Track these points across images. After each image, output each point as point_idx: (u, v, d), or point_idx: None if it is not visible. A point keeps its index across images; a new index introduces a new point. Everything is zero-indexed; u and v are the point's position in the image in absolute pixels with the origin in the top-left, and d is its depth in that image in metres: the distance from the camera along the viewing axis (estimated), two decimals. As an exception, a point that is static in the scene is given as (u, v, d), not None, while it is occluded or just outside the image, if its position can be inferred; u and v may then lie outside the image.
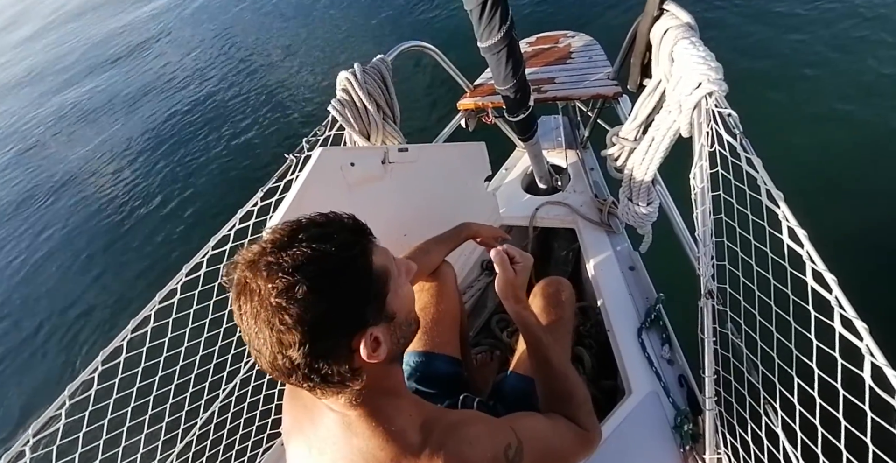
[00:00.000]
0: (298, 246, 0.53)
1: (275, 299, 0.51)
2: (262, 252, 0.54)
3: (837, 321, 0.59)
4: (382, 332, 0.59)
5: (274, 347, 0.52)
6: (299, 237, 0.55)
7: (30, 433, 0.87)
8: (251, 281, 0.53)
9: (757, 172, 0.71)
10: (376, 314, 0.59)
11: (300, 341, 0.51)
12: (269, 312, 0.51)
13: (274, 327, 0.51)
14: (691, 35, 0.89)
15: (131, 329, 1.01)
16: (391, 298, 0.61)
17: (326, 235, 0.56)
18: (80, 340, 3.29)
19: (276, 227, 0.58)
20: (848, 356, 0.60)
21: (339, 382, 0.57)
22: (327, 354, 0.54)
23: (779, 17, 3.34)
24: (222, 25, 7.43)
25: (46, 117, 7.09)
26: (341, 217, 0.61)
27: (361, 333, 0.56)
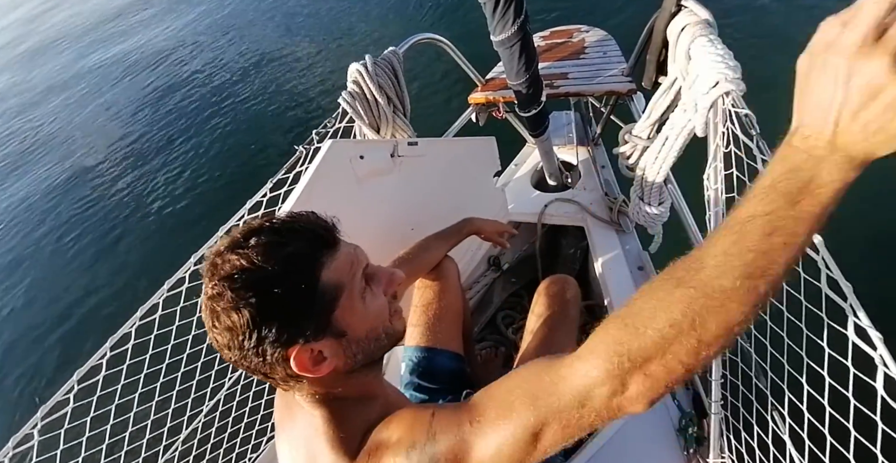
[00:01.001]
0: (241, 252, 0.53)
1: (208, 301, 0.53)
2: (217, 250, 0.55)
3: (851, 329, 0.58)
4: (329, 347, 0.58)
5: (216, 341, 0.55)
6: (250, 242, 0.54)
7: (38, 416, 0.89)
8: (204, 276, 0.55)
9: (773, 175, 0.69)
10: (317, 331, 0.56)
11: (229, 345, 0.54)
12: (206, 311, 0.54)
13: (211, 326, 0.55)
14: (709, 32, 0.87)
15: (140, 316, 1.02)
16: (341, 314, 0.58)
17: (275, 244, 0.55)
18: (89, 326, 3.37)
19: (249, 222, 0.58)
20: (861, 366, 0.58)
21: (282, 383, 0.59)
22: (260, 360, 0.54)
23: (801, 14, 3.25)
24: (234, 16, 7.43)
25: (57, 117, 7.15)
26: (307, 224, 0.59)
27: (294, 347, 0.55)
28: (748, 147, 0.74)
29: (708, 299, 0.41)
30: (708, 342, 0.42)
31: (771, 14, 3.37)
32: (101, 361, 0.96)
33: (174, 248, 3.72)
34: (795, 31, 3.18)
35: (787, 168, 0.41)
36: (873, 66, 0.35)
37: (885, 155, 0.38)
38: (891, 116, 0.35)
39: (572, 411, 0.47)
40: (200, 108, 5.41)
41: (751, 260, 0.40)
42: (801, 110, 0.41)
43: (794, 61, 0.43)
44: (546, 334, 1.09)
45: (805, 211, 0.39)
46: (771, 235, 0.40)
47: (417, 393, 1.10)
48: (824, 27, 0.39)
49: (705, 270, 0.42)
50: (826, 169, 0.39)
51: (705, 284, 0.42)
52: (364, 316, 0.61)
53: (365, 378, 0.65)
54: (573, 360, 0.49)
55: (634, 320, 0.45)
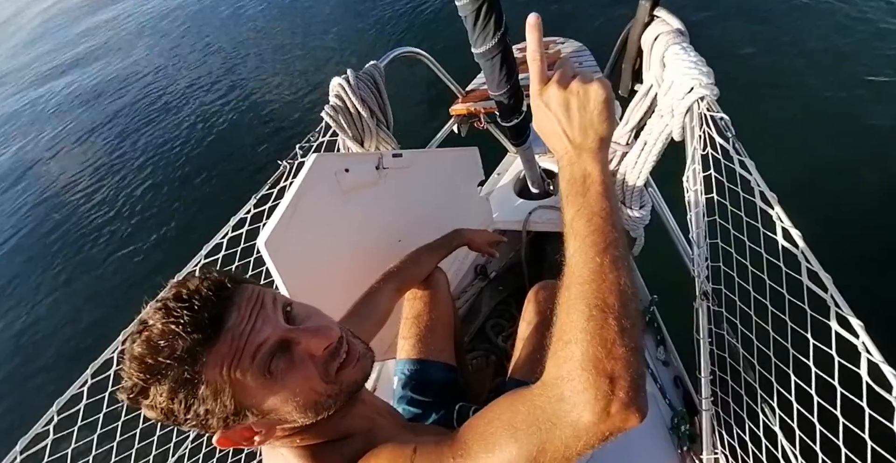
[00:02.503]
0: (137, 353, 0.51)
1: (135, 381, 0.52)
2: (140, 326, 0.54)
3: (833, 319, 0.60)
4: (256, 424, 0.56)
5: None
6: (141, 336, 0.52)
7: (17, 450, 0.84)
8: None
9: (750, 174, 0.72)
10: (227, 420, 0.53)
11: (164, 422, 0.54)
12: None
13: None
14: (682, 40, 0.91)
15: (122, 341, 0.98)
16: (250, 402, 0.54)
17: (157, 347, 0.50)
18: (69, 352, 3.22)
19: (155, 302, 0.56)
20: (844, 354, 0.61)
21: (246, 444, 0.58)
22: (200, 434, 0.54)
23: (770, 21, 3.42)
24: (213, 32, 7.38)
25: (30, 132, 6.94)
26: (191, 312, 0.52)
27: (216, 435, 0.55)
28: (725, 149, 0.77)
29: (592, 283, 0.50)
30: (620, 313, 0.48)
31: (740, 22, 3.54)
32: (83, 389, 0.92)
33: (156, 267, 3.61)
34: (764, 37, 3.34)
35: (567, 179, 0.58)
36: (551, 94, 0.59)
37: (607, 133, 0.58)
38: (584, 114, 0.57)
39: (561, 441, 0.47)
40: (181, 125, 5.33)
41: (592, 240, 0.52)
42: (552, 147, 0.62)
43: (765, 65, 0.46)
44: (538, 340, 1.09)
45: (595, 192, 0.55)
46: (590, 219, 0.54)
47: (410, 407, 1.08)
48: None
49: (575, 266, 0.52)
50: (585, 164, 0.57)
51: (582, 276, 0.51)
52: (280, 392, 0.55)
53: (341, 421, 0.62)
54: (542, 389, 0.49)
55: (565, 335, 0.49)
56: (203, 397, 0.51)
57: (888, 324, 0.99)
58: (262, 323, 0.55)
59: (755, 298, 0.76)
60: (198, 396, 0.51)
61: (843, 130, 2.61)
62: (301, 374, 0.56)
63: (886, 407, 0.54)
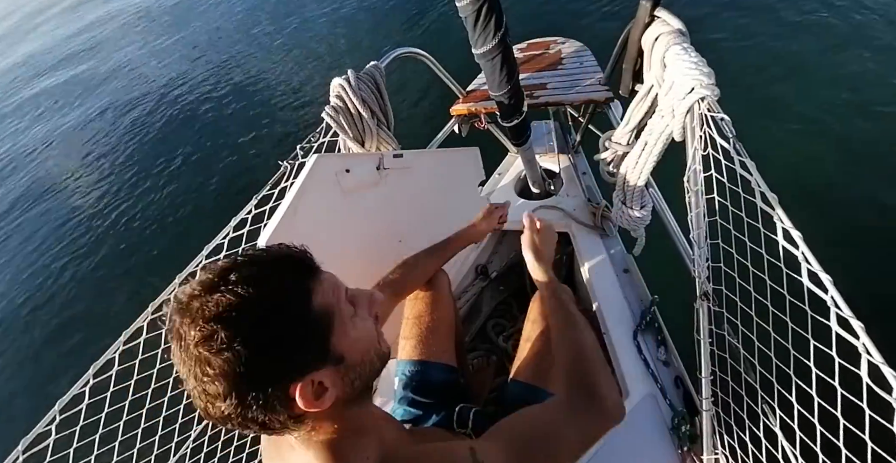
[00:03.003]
0: (224, 290, 0.49)
1: (196, 349, 0.48)
2: (191, 294, 0.50)
3: (834, 321, 0.60)
4: (329, 376, 0.55)
5: (202, 397, 0.49)
6: (229, 278, 0.50)
7: (19, 450, 0.84)
8: (179, 326, 0.49)
9: (751, 175, 0.72)
10: (317, 360, 0.54)
11: (225, 394, 0.48)
12: (192, 362, 0.48)
13: (197, 377, 0.48)
14: (682, 41, 0.91)
15: (123, 341, 0.99)
16: (337, 340, 0.56)
17: (258, 277, 0.51)
18: (72, 352, 3.23)
19: (213, 264, 0.54)
20: (845, 355, 0.61)
21: (280, 428, 0.54)
22: (259, 405, 0.50)
23: (771, 22, 3.42)
24: (214, 32, 7.40)
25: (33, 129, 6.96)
26: (283, 254, 0.56)
27: (298, 382, 0.52)
28: (725, 149, 0.76)
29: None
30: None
31: (742, 22, 3.53)
32: (84, 389, 0.92)
33: (157, 268, 3.62)
34: (765, 37, 3.33)
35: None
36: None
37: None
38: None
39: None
40: (181, 125, 5.34)
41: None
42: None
43: (767, 65, 0.46)
44: (542, 342, 1.10)
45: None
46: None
47: (411, 408, 1.08)
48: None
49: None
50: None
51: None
52: (357, 339, 0.59)
53: (360, 410, 0.63)
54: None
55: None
56: (303, 327, 0.52)
57: (889, 325, 0.99)
58: (335, 277, 0.61)
59: (756, 298, 0.76)
60: (298, 325, 0.52)
61: (846, 131, 2.60)
62: (368, 325, 0.62)
63: (887, 408, 0.54)
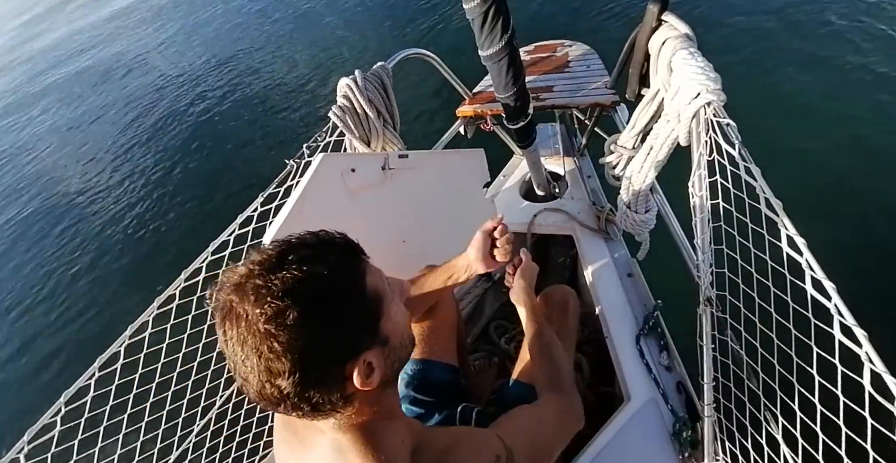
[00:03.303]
0: (288, 268, 0.50)
1: (263, 326, 0.48)
2: (249, 274, 0.51)
3: (837, 328, 0.60)
4: (376, 357, 0.56)
5: (262, 376, 0.49)
6: (289, 258, 0.51)
7: (25, 440, 0.85)
8: (237, 305, 0.49)
9: (756, 181, 0.72)
10: (370, 339, 0.56)
11: (290, 370, 0.49)
12: (256, 339, 0.48)
13: (262, 355, 0.48)
14: (689, 46, 0.90)
15: (129, 335, 1.00)
16: (385, 321, 0.58)
17: (318, 256, 0.53)
18: (77, 345, 3.26)
19: (264, 248, 0.54)
20: (848, 363, 0.60)
21: (329, 409, 0.55)
22: (318, 383, 0.51)
23: (780, 28, 3.40)
24: (224, 33, 7.45)
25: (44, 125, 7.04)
26: (333, 236, 0.58)
27: (355, 360, 0.53)
28: (731, 155, 0.76)
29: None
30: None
31: (749, 27, 3.51)
32: (90, 382, 0.93)
33: (163, 265, 3.65)
34: (772, 43, 3.31)
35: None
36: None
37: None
38: None
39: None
40: (188, 124, 5.38)
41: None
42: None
43: (773, 71, 0.46)
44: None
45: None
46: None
47: (413, 406, 1.09)
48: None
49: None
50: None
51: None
52: (397, 322, 0.61)
53: (393, 394, 0.65)
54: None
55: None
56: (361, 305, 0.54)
57: (892, 334, 0.98)
58: None
59: (759, 304, 0.76)
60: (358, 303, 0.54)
61: (852, 138, 2.58)
62: (402, 311, 0.64)
63: (889, 417, 0.54)
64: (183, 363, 1.09)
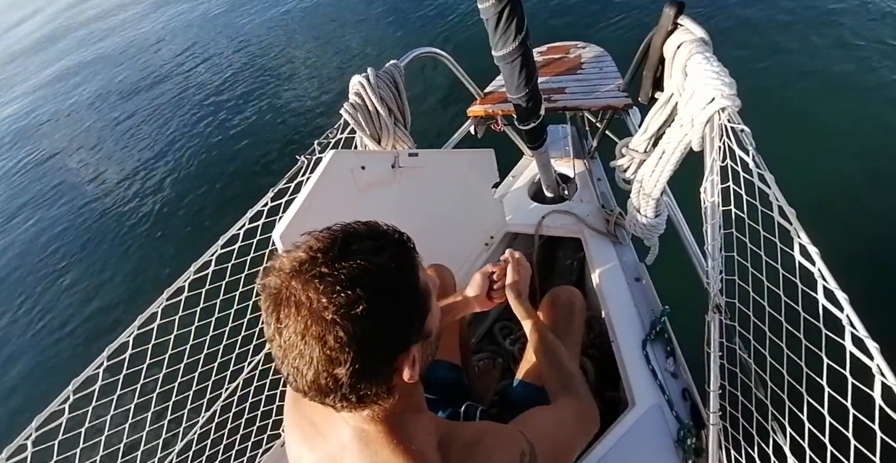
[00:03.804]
0: (354, 257, 0.49)
1: (331, 315, 0.47)
2: (311, 260, 0.49)
3: (848, 340, 0.59)
4: (419, 350, 0.57)
5: (320, 366, 0.48)
6: (353, 248, 0.50)
7: (33, 427, 0.87)
8: (298, 292, 0.48)
9: (769, 188, 0.71)
10: (418, 333, 0.56)
11: (351, 360, 0.48)
12: (321, 328, 0.47)
13: (326, 344, 0.47)
14: (705, 50, 0.90)
15: (137, 325, 1.01)
16: (430, 315, 0.59)
17: (379, 247, 0.52)
18: (86, 335, 3.31)
19: (319, 235, 0.53)
20: (859, 375, 0.59)
21: (372, 401, 0.55)
22: (372, 374, 0.51)
23: (797, 33, 3.35)
24: (238, 30, 7.50)
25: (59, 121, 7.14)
26: (386, 229, 0.58)
27: (405, 353, 0.54)
28: (744, 161, 0.75)
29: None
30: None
31: (766, 32, 3.47)
32: (98, 371, 0.94)
33: (172, 257, 3.69)
34: (790, 49, 3.27)
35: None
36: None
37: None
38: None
39: None
40: (201, 119, 5.43)
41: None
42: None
43: (789, 77, 0.45)
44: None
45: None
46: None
47: (416, 403, 1.09)
48: None
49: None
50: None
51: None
52: (436, 317, 0.61)
53: (421, 387, 0.66)
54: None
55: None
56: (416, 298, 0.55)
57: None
58: None
59: (769, 313, 0.75)
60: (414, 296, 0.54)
61: (868, 147, 2.54)
62: (438, 307, 0.64)
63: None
64: (190, 355, 1.11)
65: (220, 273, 1.08)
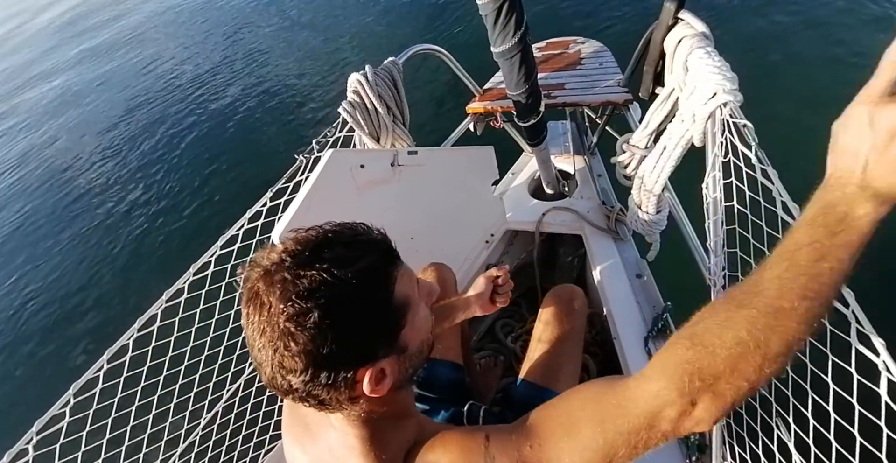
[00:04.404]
0: (319, 267, 0.49)
1: (284, 323, 0.48)
2: (279, 264, 0.50)
3: (854, 336, 0.59)
4: (391, 364, 0.56)
5: (275, 368, 0.50)
6: (322, 256, 0.50)
7: (34, 431, 0.87)
8: (263, 294, 0.49)
9: (772, 184, 0.71)
10: (387, 348, 0.55)
11: (302, 369, 0.49)
12: (275, 334, 0.48)
13: (277, 350, 0.48)
14: (706, 44, 0.89)
15: (137, 328, 1.01)
16: (407, 330, 0.56)
17: (351, 258, 0.51)
18: (86, 338, 3.31)
19: (300, 235, 0.53)
20: (864, 372, 0.59)
21: (335, 407, 0.55)
22: (328, 384, 0.51)
23: (799, 26, 3.33)
24: (235, 27, 7.46)
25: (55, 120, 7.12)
26: (371, 235, 0.56)
27: (367, 367, 0.53)
28: (747, 156, 0.75)
29: (770, 319, 0.44)
30: (771, 359, 0.45)
31: (767, 26, 3.45)
32: (98, 374, 0.94)
33: (172, 258, 3.68)
34: (791, 42, 3.25)
35: (825, 205, 0.46)
36: (891, 111, 0.42)
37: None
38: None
39: (641, 433, 0.48)
40: (198, 118, 5.41)
41: (804, 283, 0.44)
42: (834, 158, 0.47)
43: (792, 71, 0.45)
44: (553, 343, 1.09)
45: (844, 240, 0.44)
46: (818, 260, 0.44)
47: (418, 403, 1.09)
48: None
49: (764, 292, 0.46)
50: (859, 204, 0.44)
51: (766, 305, 0.45)
52: (419, 330, 0.59)
53: (406, 395, 0.64)
54: (641, 381, 0.50)
55: (703, 340, 0.47)
56: (385, 314, 0.53)
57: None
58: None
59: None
60: (382, 312, 0.53)
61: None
62: (425, 315, 0.62)
63: (906, 428, 0.53)
64: (191, 356, 1.10)
65: (219, 274, 1.08)
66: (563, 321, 1.12)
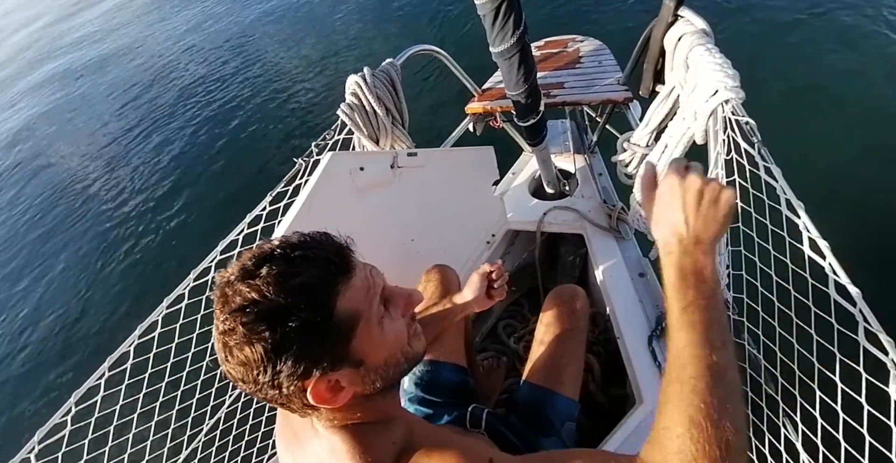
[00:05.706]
0: (252, 283, 0.50)
1: (221, 337, 0.51)
2: (228, 278, 0.52)
3: (862, 335, 0.58)
4: (347, 377, 0.56)
5: (230, 372, 0.53)
6: (259, 271, 0.51)
7: (35, 440, 0.86)
8: (215, 307, 0.52)
9: (776, 182, 0.70)
10: (334, 362, 0.54)
11: (242, 379, 0.52)
12: (219, 344, 0.52)
13: (224, 359, 0.52)
14: (707, 41, 0.88)
15: (138, 335, 1.00)
16: (359, 343, 0.56)
17: (287, 274, 0.51)
18: (87, 345, 3.30)
19: (256, 250, 0.55)
20: (873, 371, 0.58)
21: (301, 411, 0.56)
22: (276, 392, 0.52)
23: (800, 22, 3.31)
24: (232, 30, 7.46)
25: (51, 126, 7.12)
26: (322, 246, 0.56)
27: (311, 380, 0.53)
28: (750, 154, 0.74)
29: (708, 380, 0.50)
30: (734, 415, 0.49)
31: (768, 22, 3.43)
32: (99, 382, 0.93)
33: (173, 263, 3.67)
34: (793, 38, 3.23)
35: (678, 269, 0.57)
36: (690, 181, 0.58)
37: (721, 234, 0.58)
38: (712, 209, 0.57)
39: None
40: (197, 122, 5.40)
41: (707, 337, 0.52)
42: (662, 228, 0.60)
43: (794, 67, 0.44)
44: (556, 344, 1.09)
45: (709, 288, 0.55)
46: (704, 312, 0.54)
47: (421, 406, 1.08)
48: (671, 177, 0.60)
49: (686, 360, 0.52)
50: (699, 256, 0.57)
51: (697, 371, 0.51)
52: (382, 343, 0.59)
53: (383, 402, 0.63)
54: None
55: (675, 427, 0.50)
56: (323, 331, 0.53)
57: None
58: (376, 273, 0.61)
59: (779, 308, 0.74)
60: (317, 328, 0.52)
61: (877, 138, 2.50)
62: (398, 327, 0.61)
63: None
64: (192, 363, 1.10)
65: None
66: (564, 322, 1.11)
